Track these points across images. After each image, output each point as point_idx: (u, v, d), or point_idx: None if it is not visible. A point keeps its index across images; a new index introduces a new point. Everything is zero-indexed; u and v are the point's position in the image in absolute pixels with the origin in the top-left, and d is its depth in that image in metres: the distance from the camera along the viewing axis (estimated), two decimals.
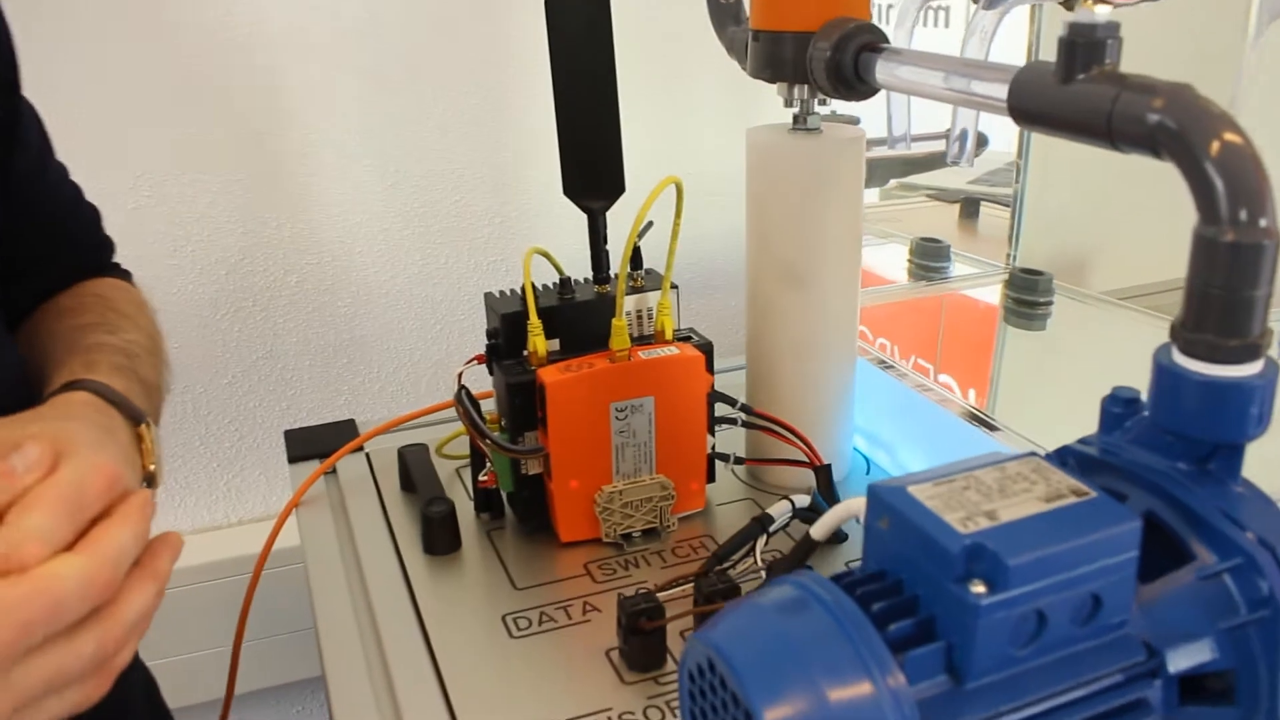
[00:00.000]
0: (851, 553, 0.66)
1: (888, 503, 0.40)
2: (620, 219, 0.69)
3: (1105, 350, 0.84)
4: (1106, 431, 0.48)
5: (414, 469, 0.76)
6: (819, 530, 0.49)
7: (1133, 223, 0.98)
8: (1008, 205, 1.12)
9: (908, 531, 0.39)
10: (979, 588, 0.37)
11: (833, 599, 0.39)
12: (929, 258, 0.99)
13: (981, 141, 1.20)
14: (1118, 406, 0.47)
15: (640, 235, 0.68)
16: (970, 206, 1.27)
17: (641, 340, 0.70)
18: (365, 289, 1.07)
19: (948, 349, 0.86)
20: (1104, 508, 0.39)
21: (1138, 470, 0.45)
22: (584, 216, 0.70)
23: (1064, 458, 0.48)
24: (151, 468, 0.55)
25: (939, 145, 1.26)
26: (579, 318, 0.69)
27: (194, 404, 1.05)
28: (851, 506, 0.47)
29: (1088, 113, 0.45)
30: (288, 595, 0.92)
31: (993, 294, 0.94)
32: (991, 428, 0.69)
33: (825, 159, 0.69)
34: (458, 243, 1.08)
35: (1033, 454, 0.43)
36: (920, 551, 0.39)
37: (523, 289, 0.68)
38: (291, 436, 0.86)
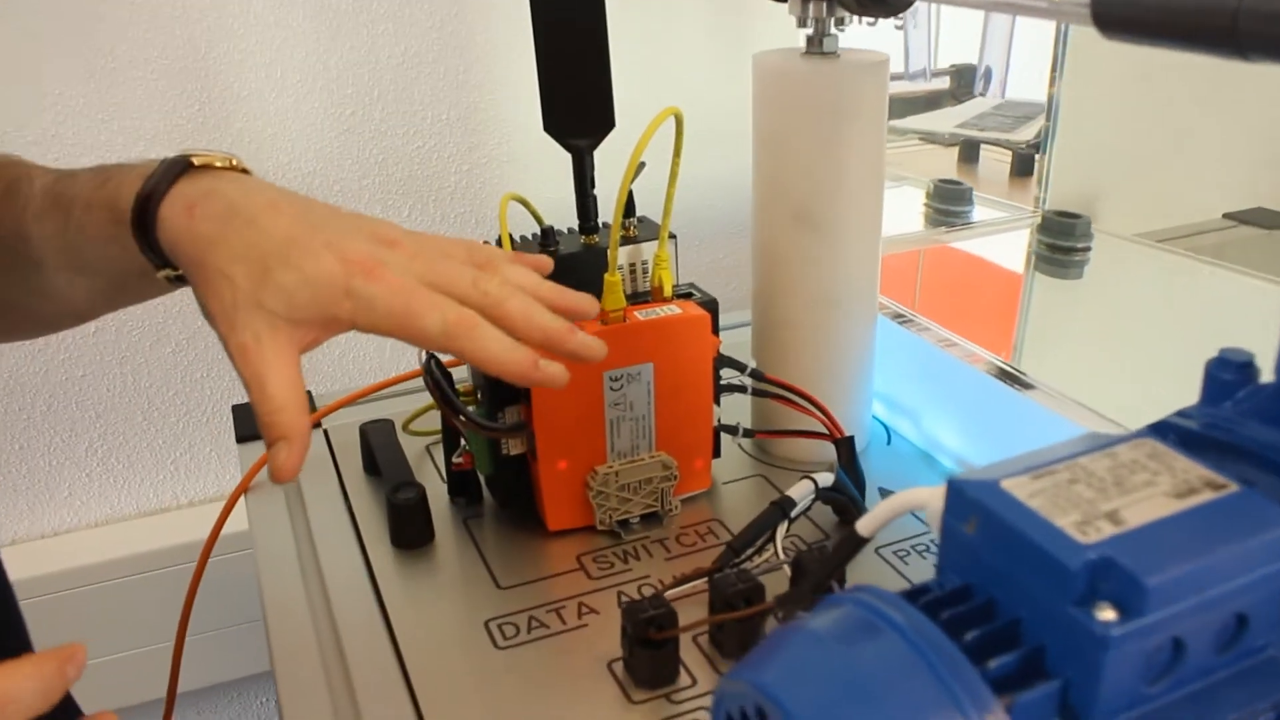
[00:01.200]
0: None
1: (977, 501, 0.32)
2: (607, 161, 0.60)
3: (1154, 301, 0.76)
4: (1212, 402, 0.40)
5: (378, 449, 0.67)
6: (868, 525, 0.41)
7: (1172, 161, 0.90)
8: (1009, 149, 1.03)
9: (1006, 539, 0.31)
10: (1107, 613, 0.29)
11: (912, 626, 0.30)
12: (949, 201, 0.91)
13: (986, 77, 1.12)
14: (1227, 372, 0.39)
15: (635, 176, 0.59)
16: (970, 150, 1.19)
17: (636, 299, 0.61)
18: None
19: (962, 305, 0.78)
20: (1249, 505, 0.31)
21: (1259, 449, 0.37)
22: (566, 160, 0.61)
23: (1162, 435, 0.39)
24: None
25: (935, 85, 1.17)
26: (564, 273, 0.60)
27: (134, 375, 0.95)
28: (910, 499, 0.39)
29: (1205, 11, 0.36)
30: (240, 584, 0.83)
31: (1018, 241, 0.86)
32: (1030, 388, 0.60)
33: (846, 86, 0.60)
34: (422, 193, 0.98)
35: (1146, 435, 0.35)
36: (1024, 565, 0.30)
37: (498, 241, 0.59)
38: (240, 412, 0.77)
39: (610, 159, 0.61)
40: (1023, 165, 1.03)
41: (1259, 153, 0.98)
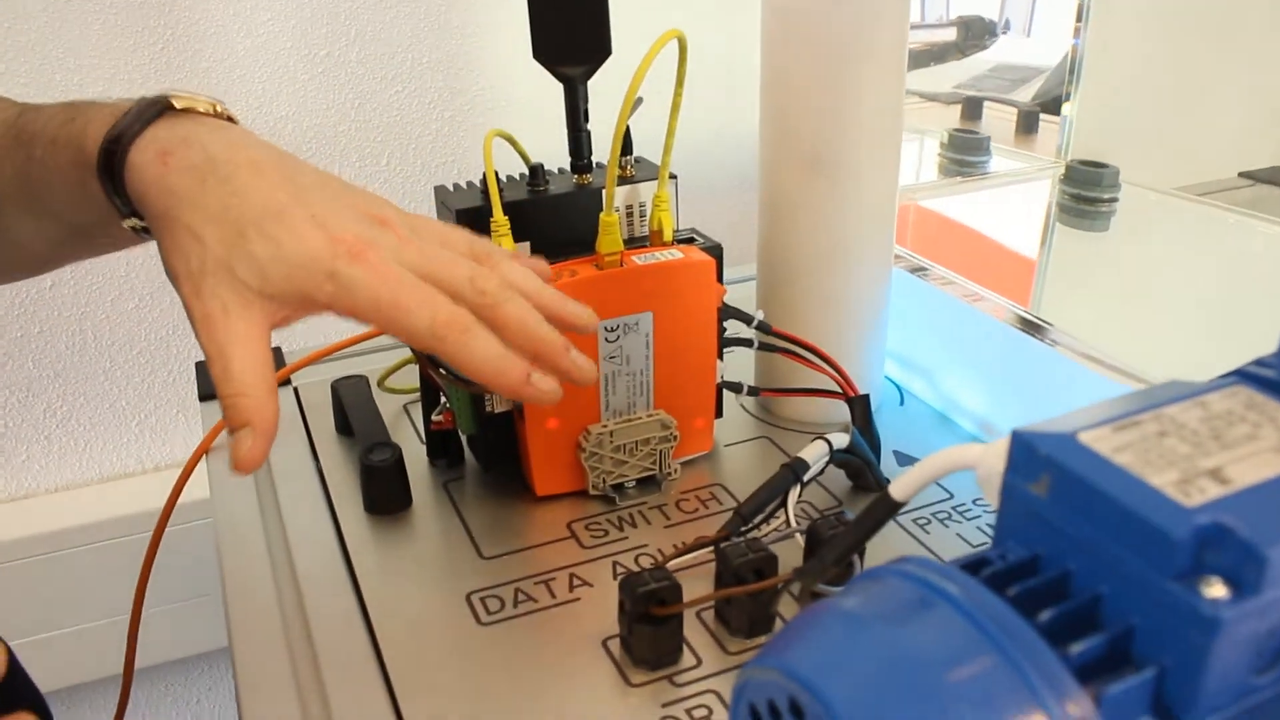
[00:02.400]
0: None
1: (1051, 458, 0.27)
2: (602, 100, 0.55)
3: (1185, 254, 0.71)
4: None
5: (351, 407, 0.61)
6: (904, 488, 0.36)
7: (1189, 118, 0.85)
8: (1014, 106, 0.98)
9: (1088, 502, 0.26)
10: (1216, 589, 0.24)
11: (975, 603, 0.26)
12: (966, 151, 0.86)
13: (991, 31, 1.07)
14: None
15: (633, 110, 0.53)
16: (973, 108, 1.14)
17: (633, 244, 0.56)
18: None
19: (976, 258, 0.73)
20: None
21: None
22: (558, 107, 0.55)
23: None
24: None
25: (943, 36, 1.12)
26: (554, 215, 0.55)
27: (94, 332, 0.89)
28: (955, 458, 0.34)
29: None
30: (209, 553, 0.78)
31: (1037, 193, 0.80)
32: (1061, 344, 0.56)
33: (864, 17, 0.55)
34: (402, 140, 0.92)
35: (1235, 381, 0.30)
36: (1111, 532, 0.26)
37: (483, 180, 0.54)
38: (204, 369, 0.71)
39: (605, 97, 0.55)
40: (1028, 122, 0.99)
41: (1276, 111, 0.94)
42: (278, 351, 0.72)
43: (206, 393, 0.68)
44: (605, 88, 0.55)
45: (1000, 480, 0.29)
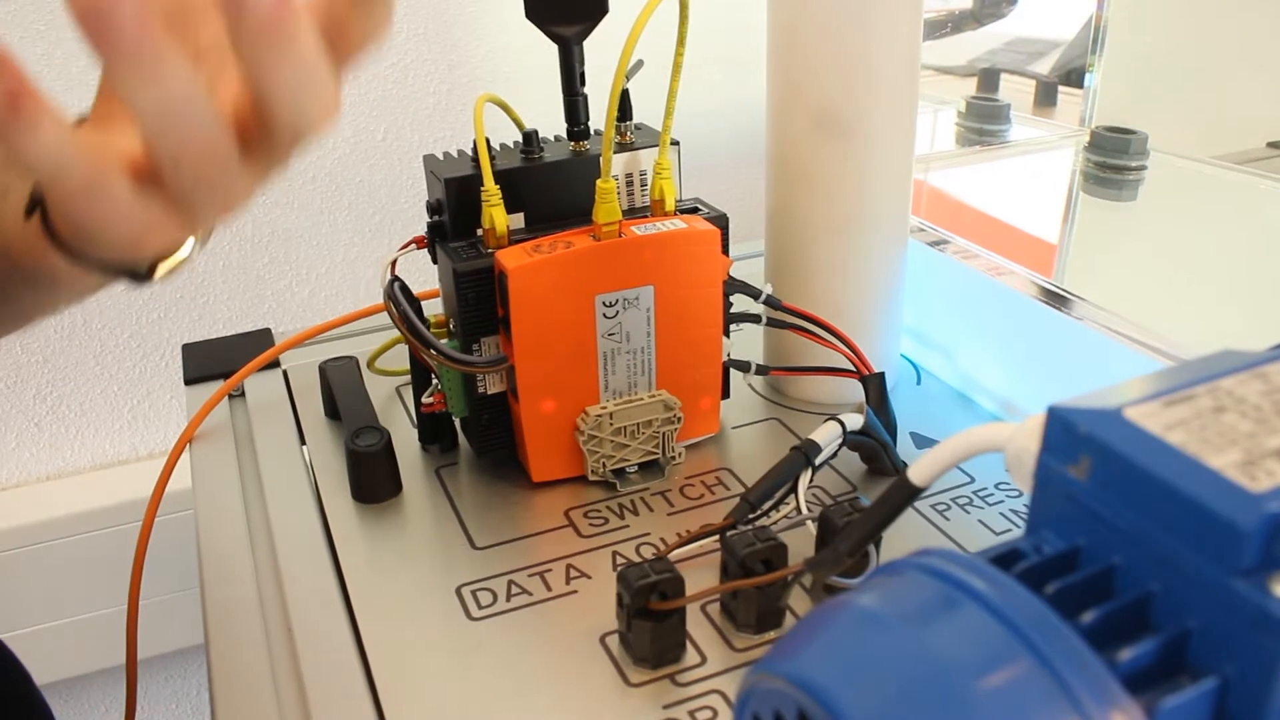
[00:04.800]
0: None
1: (1093, 437, 0.24)
2: (600, 63, 0.52)
3: (1219, 223, 0.67)
4: None
5: (339, 390, 0.58)
6: (924, 473, 0.33)
7: (1216, 86, 0.81)
8: (1032, 77, 0.95)
9: (1138, 486, 0.23)
10: None
11: (1008, 601, 0.23)
12: (985, 119, 0.82)
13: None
14: None
15: (630, 75, 0.50)
16: (989, 80, 1.10)
17: (633, 214, 0.53)
18: (287, 171, 0.88)
19: (995, 228, 0.69)
20: None
21: None
22: (559, 82, 0.52)
23: None
24: None
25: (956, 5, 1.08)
26: (549, 183, 0.52)
27: (83, 315, 0.87)
28: (979, 438, 0.31)
29: None
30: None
31: (1060, 161, 0.77)
32: (1093, 320, 0.52)
33: None
34: (397, 114, 0.89)
35: None
36: (1164, 521, 0.22)
37: (474, 147, 0.51)
38: (190, 351, 0.68)
39: (602, 60, 0.52)
40: (1047, 94, 0.95)
41: None
42: (266, 333, 0.69)
43: (193, 376, 0.66)
44: (602, 50, 0.52)
45: (1034, 463, 0.26)
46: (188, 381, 0.66)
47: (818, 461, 0.47)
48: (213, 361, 0.67)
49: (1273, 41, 0.87)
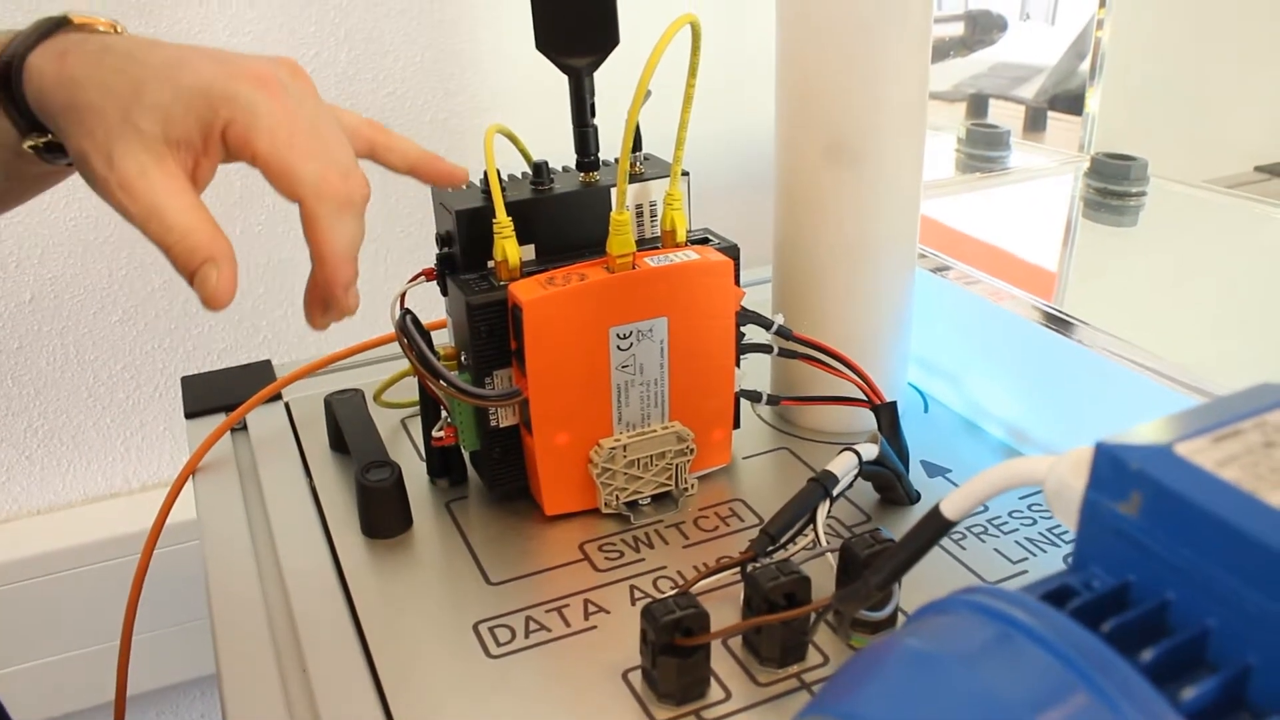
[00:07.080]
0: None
1: (1144, 474, 0.24)
2: (608, 93, 0.52)
3: (1219, 248, 0.68)
4: None
5: (346, 423, 0.58)
6: (956, 507, 0.33)
7: (1207, 111, 0.82)
8: (1021, 102, 0.96)
9: (1192, 523, 0.23)
10: None
11: (1067, 640, 0.22)
12: (985, 146, 0.83)
13: (1000, 26, 1.04)
14: None
15: (643, 101, 0.50)
16: (978, 105, 1.11)
17: (644, 245, 0.52)
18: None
19: (997, 255, 0.70)
20: None
21: None
22: (560, 111, 0.52)
23: None
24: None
25: (950, 30, 1.09)
26: (560, 215, 0.52)
27: (76, 346, 0.86)
28: (1016, 472, 0.31)
29: None
30: (193, 574, 0.75)
31: (1059, 189, 0.77)
32: (1103, 348, 0.52)
33: None
34: None
35: None
36: (1220, 558, 0.22)
37: (484, 179, 0.51)
38: (190, 384, 0.68)
39: (607, 90, 0.52)
40: (1036, 119, 0.96)
41: None
42: (267, 364, 0.69)
43: (194, 409, 0.65)
44: (608, 80, 0.52)
45: (1079, 498, 0.26)
46: (188, 414, 0.65)
47: (835, 493, 0.47)
48: (213, 394, 0.66)
49: (1258, 68, 0.89)
